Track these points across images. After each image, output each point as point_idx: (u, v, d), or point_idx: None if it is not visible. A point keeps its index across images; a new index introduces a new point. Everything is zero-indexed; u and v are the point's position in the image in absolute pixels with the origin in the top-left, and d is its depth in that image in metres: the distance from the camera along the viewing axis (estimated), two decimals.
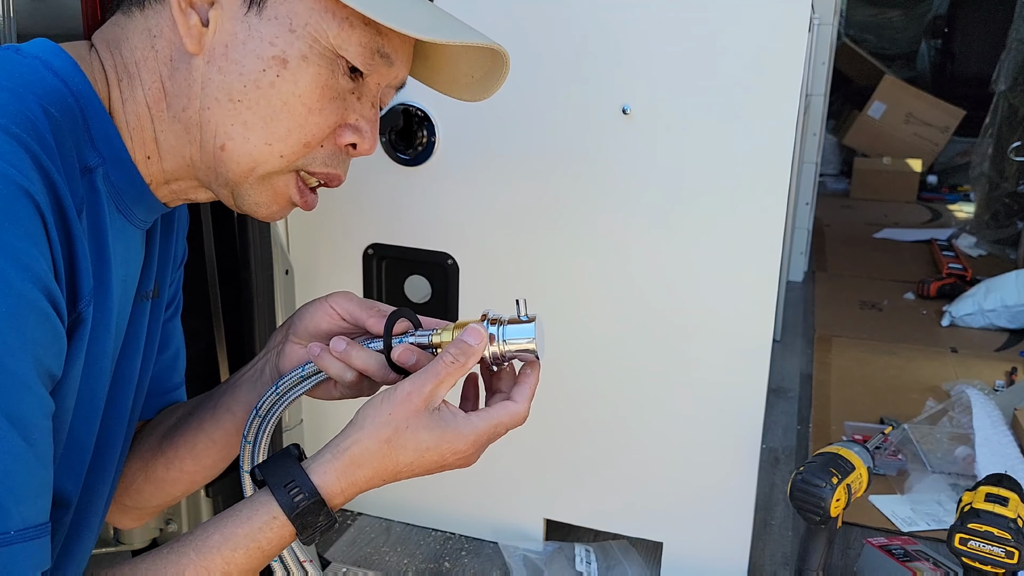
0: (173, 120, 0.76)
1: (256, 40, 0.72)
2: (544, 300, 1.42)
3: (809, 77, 2.49)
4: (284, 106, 0.74)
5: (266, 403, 0.85)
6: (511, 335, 0.82)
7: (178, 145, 0.77)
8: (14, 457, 0.59)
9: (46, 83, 0.69)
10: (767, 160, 1.25)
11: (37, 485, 0.62)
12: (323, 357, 0.83)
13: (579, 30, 1.29)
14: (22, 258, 0.60)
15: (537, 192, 1.38)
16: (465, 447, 0.78)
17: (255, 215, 0.81)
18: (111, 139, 0.74)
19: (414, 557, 1.52)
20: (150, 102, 0.75)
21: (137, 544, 1.39)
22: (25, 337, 0.60)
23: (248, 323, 1.34)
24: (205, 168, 0.77)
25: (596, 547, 1.53)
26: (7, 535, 0.58)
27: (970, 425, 1.94)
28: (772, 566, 1.52)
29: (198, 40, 0.73)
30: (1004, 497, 1.24)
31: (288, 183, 0.79)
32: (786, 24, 1.20)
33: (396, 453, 0.76)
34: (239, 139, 0.74)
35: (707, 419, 1.38)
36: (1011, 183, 3.73)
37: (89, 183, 0.72)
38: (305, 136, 0.76)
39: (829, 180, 5.09)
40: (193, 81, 0.74)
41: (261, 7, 0.72)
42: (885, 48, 5.83)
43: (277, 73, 0.73)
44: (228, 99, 0.73)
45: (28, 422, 0.60)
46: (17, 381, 0.60)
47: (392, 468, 0.77)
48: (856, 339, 2.69)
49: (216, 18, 0.73)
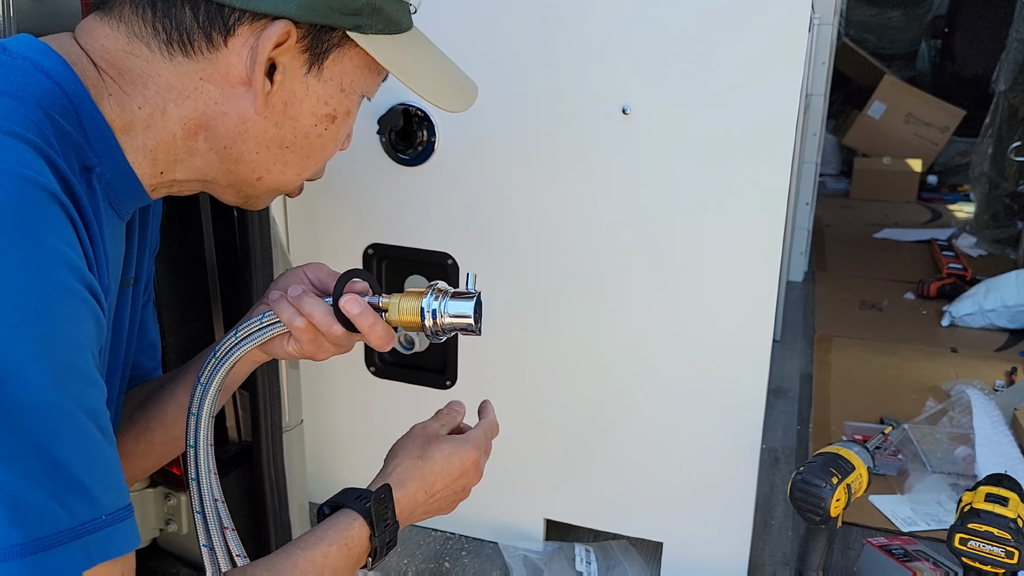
0: (209, 151, 0.80)
1: (313, 100, 0.80)
2: (544, 300, 1.42)
3: (809, 77, 2.49)
4: (322, 148, 0.83)
5: (224, 346, 0.87)
6: (454, 308, 0.85)
7: (206, 168, 0.81)
8: (96, 447, 0.63)
9: (41, 86, 0.70)
10: (767, 160, 1.25)
11: (116, 469, 0.66)
12: (280, 302, 0.87)
13: (579, 30, 1.29)
14: (67, 258, 0.63)
15: (537, 192, 1.38)
16: (470, 456, 0.93)
17: (252, 208, 0.90)
18: (106, 139, 0.75)
19: (414, 557, 1.52)
20: (183, 133, 0.78)
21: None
22: (85, 333, 0.64)
23: None
24: (227, 185, 0.83)
25: (596, 547, 1.53)
26: (99, 520, 0.62)
27: (970, 425, 1.94)
28: (772, 566, 1.52)
29: (264, 102, 0.77)
30: (1004, 497, 1.24)
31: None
32: (786, 24, 1.20)
33: (430, 463, 0.90)
34: (276, 173, 0.83)
35: (707, 419, 1.38)
36: (1011, 183, 3.72)
37: (87, 182, 0.74)
38: (324, 161, 0.86)
39: (829, 180, 5.08)
40: (244, 130, 0.78)
41: (320, 68, 0.78)
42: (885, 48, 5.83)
43: (326, 128, 0.82)
44: (278, 147, 0.80)
45: (98, 413, 0.64)
46: (86, 376, 0.64)
47: (431, 478, 0.90)
48: (856, 339, 2.69)
49: (280, 81, 0.77)
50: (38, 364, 0.59)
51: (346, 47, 0.79)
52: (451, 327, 0.85)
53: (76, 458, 0.61)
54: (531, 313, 1.43)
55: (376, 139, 1.41)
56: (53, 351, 0.60)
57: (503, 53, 1.33)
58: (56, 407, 0.60)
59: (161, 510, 1.40)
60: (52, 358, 0.60)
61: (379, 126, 1.39)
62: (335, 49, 0.78)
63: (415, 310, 0.84)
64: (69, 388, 0.62)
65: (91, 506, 0.62)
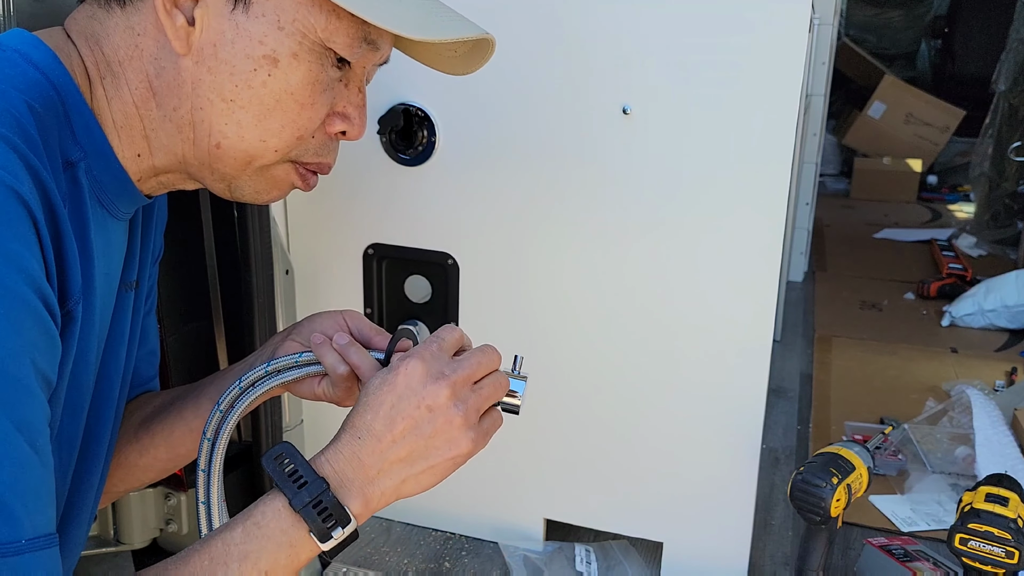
0: (164, 119, 0.75)
1: (245, 39, 0.72)
2: (544, 300, 1.42)
3: (809, 77, 2.49)
4: (277, 104, 0.74)
5: (251, 377, 0.85)
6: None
7: (170, 143, 0.76)
8: (23, 465, 0.59)
9: (28, 77, 0.69)
10: (767, 160, 1.25)
11: (46, 493, 0.61)
12: (323, 346, 0.85)
13: (579, 30, 1.29)
14: (17, 261, 0.59)
15: (537, 192, 1.38)
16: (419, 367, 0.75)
17: (255, 201, 0.82)
18: (92, 132, 0.73)
19: (414, 557, 1.52)
20: (137, 101, 0.75)
21: (137, 544, 1.39)
22: (24, 340, 0.59)
23: (248, 323, 1.34)
24: (199, 164, 0.77)
25: (596, 547, 1.53)
26: (18, 544, 0.57)
27: (970, 425, 1.94)
28: (772, 566, 1.52)
29: (185, 40, 0.72)
30: (1004, 497, 1.24)
31: (287, 171, 0.80)
32: (786, 24, 1.20)
33: (361, 398, 0.76)
34: (234, 137, 0.75)
35: (707, 419, 1.38)
36: (1011, 183, 3.73)
37: (71, 177, 0.72)
38: (298, 130, 0.77)
39: (829, 180, 5.09)
40: (183, 81, 0.73)
41: (247, 4, 0.72)
42: (885, 48, 5.83)
43: (268, 72, 0.73)
44: (220, 99, 0.73)
45: (33, 428, 0.60)
46: (20, 386, 0.59)
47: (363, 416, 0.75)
48: (856, 339, 2.69)
49: (202, 17, 0.72)
50: None
51: None
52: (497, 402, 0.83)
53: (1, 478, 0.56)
54: (530, 313, 1.43)
55: (376, 139, 1.41)
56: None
57: (503, 53, 1.32)
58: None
59: (161, 510, 1.40)
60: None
61: (379, 126, 1.39)
62: None
63: None
64: (3, 398, 0.57)
65: (9, 527, 0.57)
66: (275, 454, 0.74)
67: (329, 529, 0.72)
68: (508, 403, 0.83)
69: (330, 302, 1.52)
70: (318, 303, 1.53)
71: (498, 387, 0.80)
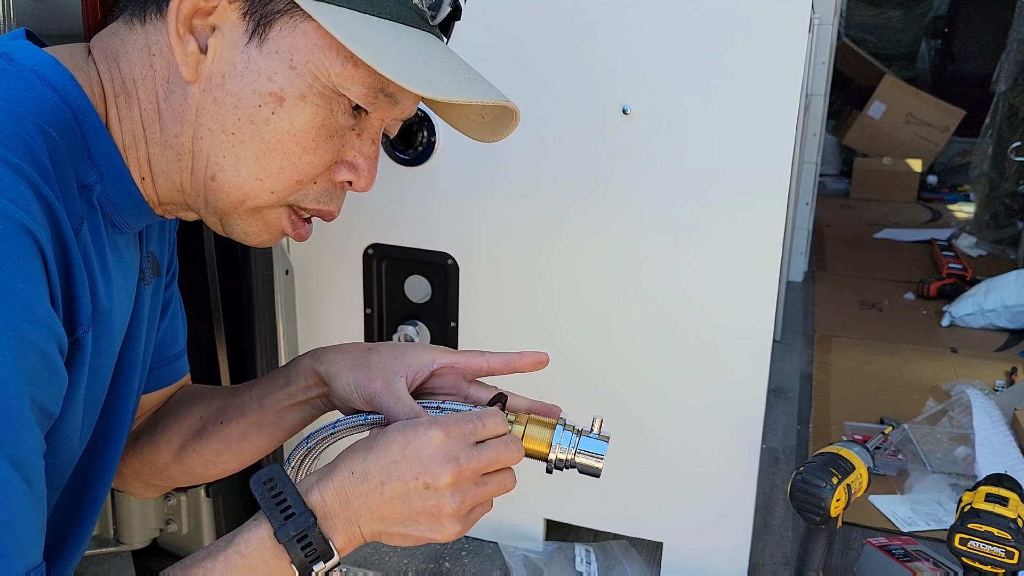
0: (165, 145, 0.74)
1: (254, 73, 0.70)
2: (543, 300, 1.42)
3: (809, 77, 2.49)
4: (278, 144, 0.72)
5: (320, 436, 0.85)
6: (585, 447, 0.84)
7: (169, 170, 0.75)
8: (18, 501, 0.59)
9: (44, 99, 0.68)
10: (767, 160, 1.25)
11: (37, 527, 0.62)
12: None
13: (579, 30, 1.29)
14: (23, 298, 0.59)
15: (537, 192, 1.38)
16: (434, 436, 0.73)
17: (244, 242, 0.80)
18: (110, 156, 0.73)
19: (414, 557, 1.52)
20: (145, 122, 0.74)
21: (137, 544, 1.39)
22: (24, 378, 0.60)
23: (248, 323, 1.35)
24: (194, 195, 0.76)
25: (596, 547, 1.53)
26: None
27: (970, 425, 1.94)
28: (772, 566, 1.52)
29: (195, 68, 0.71)
30: (1004, 497, 1.24)
31: (280, 216, 0.78)
32: (786, 24, 1.20)
33: (368, 442, 0.75)
34: (230, 172, 0.73)
35: (707, 419, 1.38)
36: (1011, 183, 3.73)
37: (87, 201, 0.71)
38: (297, 174, 0.74)
39: (829, 180, 5.08)
40: (187, 108, 0.72)
41: (263, 39, 0.70)
42: (885, 48, 5.83)
43: (272, 110, 0.71)
44: (221, 131, 0.72)
45: (27, 463, 0.60)
46: (18, 423, 0.59)
47: (363, 461, 0.73)
48: (856, 339, 2.69)
49: (215, 47, 0.70)
50: None
51: (299, 18, 0.70)
52: (577, 464, 0.83)
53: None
54: (531, 313, 1.43)
55: None
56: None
57: (502, 53, 1.33)
58: None
59: (161, 510, 1.40)
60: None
61: None
62: (281, 16, 0.70)
63: (544, 439, 0.82)
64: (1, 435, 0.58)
65: (5, 567, 0.58)
66: (264, 478, 0.72)
67: (311, 563, 0.70)
68: (589, 466, 0.82)
69: (330, 302, 1.52)
70: (318, 303, 1.53)
71: (502, 488, 0.78)
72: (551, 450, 0.82)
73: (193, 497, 1.40)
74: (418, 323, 1.48)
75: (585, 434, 0.83)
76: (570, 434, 0.82)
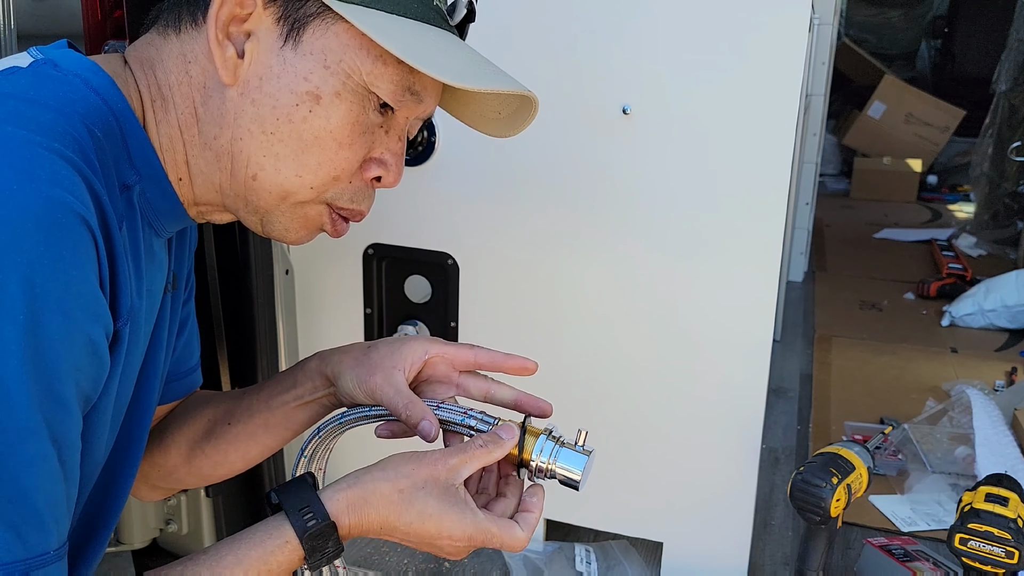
0: (204, 147, 0.77)
1: (291, 74, 0.74)
2: (543, 300, 1.42)
3: (809, 77, 2.49)
4: (316, 140, 0.76)
5: (328, 426, 0.87)
6: (564, 459, 0.84)
7: (208, 171, 0.78)
8: (56, 480, 0.62)
9: (88, 102, 0.70)
10: (767, 160, 1.25)
11: (68, 505, 0.64)
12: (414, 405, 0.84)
13: (579, 30, 1.29)
14: (76, 285, 0.62)
15: (537, 192, 1.38)
16: (460, 535, 0.77)
17: (283, 240, 0.83)
18: (148, 158, 0.75)
19: (414, 557, 1.52)
20: (182, 126, 0.77)
21: (137, 544, 1.39)
22: (72, 363, 0.62)
23: (248, 323, 1.35)
24: (234, 195, 0.79)
25: (596, 547, 1.53)
26: (47, 555, 0.61)
27: (970, 425, 1.94)
28: (772, 566, 1.52)
29: (233, 71, 0.74)
30: (1004, 497, 1.24)
31: (320, 212, 0.81)
32: (786, 24, 1.20)
33: (403, 507, 0.76)
34: (270, 170, 0.76)
35: (707, 419, 1.38)
36: (1011, 183, 3.73)
37: (127, 200, 0.74)
38: (335, 170, 0.78)
39: (829, 180, 5.09)
40: (226, 111, 0.75)
41: (297, 41, 0.73)
42: (885, 48, 5.84)
43: (310, 108, 0.74)
44: (261, 131, 0.75)
45: (65, 443, 0.63)
46: (64, 407, 0.62)
47: (393, 521, 0.76)
48: (856, 339, 2.69)
49: (252, 51, 0.74)
50: (26, 384, 0.58)
51: (330, 19, 0.73)
52: (555, 474, 0.84)
53: (40, 488, 0.60)
54: (530, 313, 1.43)
55: None
56: (42, 374, 0.59)
57: (502, 53, 1.33)
58: (32, 432, 0.59)
59: (161, 510, 1.40)
60: (40, 381, 0.59)
61: None
62: (314, 19, 0.73)
63: (527, 448, 0.83)
64: (46, 414, 0.60)
65: (44, 540, 0.61)
66: (299, 505, 0.74)
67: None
68: (568, 478, 0.83)
69: (330, 302, 1.53)
70: (318, 303, 1.53)
71: (506, 547, 0.81)
72: (532, 459, 0.83)
73: (193, 497, 1.40)
74: (418, 323, 1.48)
75: (569, 446, 0.84)
76: (552, 444, 0.83)
